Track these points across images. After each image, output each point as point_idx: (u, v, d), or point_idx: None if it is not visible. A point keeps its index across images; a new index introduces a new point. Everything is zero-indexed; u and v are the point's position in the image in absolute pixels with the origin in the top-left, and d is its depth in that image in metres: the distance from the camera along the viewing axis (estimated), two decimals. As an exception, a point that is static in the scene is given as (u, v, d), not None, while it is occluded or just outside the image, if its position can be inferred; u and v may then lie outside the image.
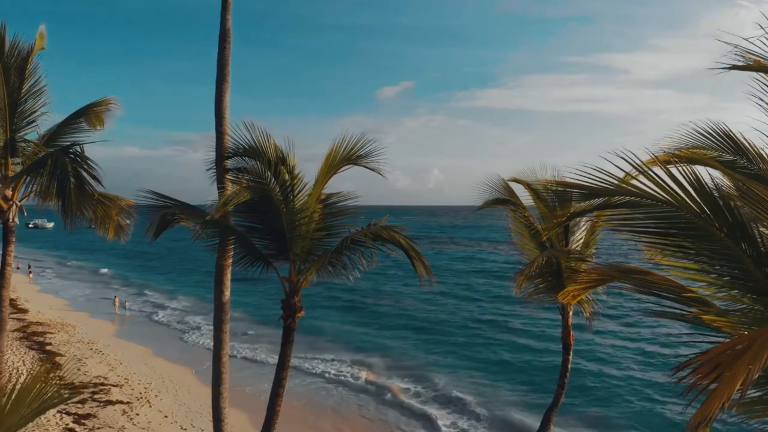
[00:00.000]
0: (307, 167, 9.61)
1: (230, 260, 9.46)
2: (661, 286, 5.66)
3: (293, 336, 9.37)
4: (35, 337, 31.74)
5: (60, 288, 52.42)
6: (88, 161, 9.76)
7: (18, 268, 62.08)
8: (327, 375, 28.05)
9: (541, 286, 9.93)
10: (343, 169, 9.36)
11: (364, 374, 28.12)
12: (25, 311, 38.10)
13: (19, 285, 50.57)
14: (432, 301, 46.81)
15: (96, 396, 24.39)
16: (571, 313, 10.30)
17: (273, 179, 9.04)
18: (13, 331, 32.74)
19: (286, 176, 9.09)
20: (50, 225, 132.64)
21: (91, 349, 30.58)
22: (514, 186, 10.94)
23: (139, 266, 70.81)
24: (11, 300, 41.89)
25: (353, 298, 46.70)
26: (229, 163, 9.59)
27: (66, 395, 5.04)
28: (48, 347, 30.07)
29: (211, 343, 11.02)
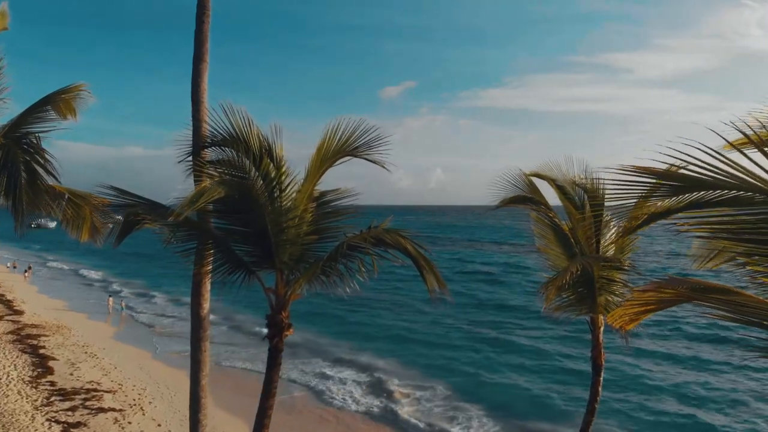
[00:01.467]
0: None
1: (209, 268, 7.84)
2: (763, 313, 4.08)
3: (281, 358, 7.72)
4: (29, 340, 30.18)
5: (57, 289, 50.47)
6: (44, 153, 8.19)
7: (15, 267, 60.33)
8: (316, 389, 26.13)
9: (570, 297, 8.31)
10: (338, 162, 7.71)
11: (355, 389, 26.19)
12: (20, 313, 36.48)
13: (17, 285, 48.90)
14: (421, 309, 43.10)
15: (87, 403, 22.86)
16: (602, 328, 8.68)
17: (256, 173, 7.43)
18: (7, 333, 31.24)
19: (272, 170, 7.49)
20: (52, 225, 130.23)
21: (86, 352, 29.03)
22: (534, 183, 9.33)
23: (136, 267, 68.43)
24: (7, 301, 40.36)
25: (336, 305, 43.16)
26: (208, 155, 8.00)
27: None
28: (41, 350, 28.54)
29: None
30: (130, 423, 20.99)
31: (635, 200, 3.41)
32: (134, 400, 23.30)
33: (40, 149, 8.23)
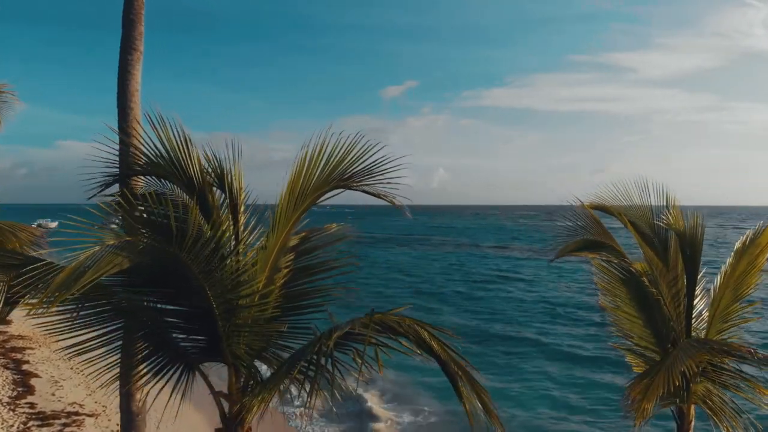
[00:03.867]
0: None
1: (136, 358, 5.08)
2: None
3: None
4: (13, 354, 27.41)
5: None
6: None
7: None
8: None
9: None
10: (324, 198, 5.00)
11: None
12: (8, 322, 33.72)
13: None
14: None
15: (66, 429, 20.19)
16: (693, 422, 5.99)
17: (200, 215, 4.63)
18: (-7, 346, 28.58)
19: (221, 215, 4.72)
20: (54, 224, 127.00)
21: (72, 368, 26.30)
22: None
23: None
24: (-2, 309, 37.66)
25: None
26: (140, 185, 5.25)
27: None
28: (25, 366, 25.79)
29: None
30: (109, 455, 18.35)
31: None
32: (118, 425, 20.62)
33: None
